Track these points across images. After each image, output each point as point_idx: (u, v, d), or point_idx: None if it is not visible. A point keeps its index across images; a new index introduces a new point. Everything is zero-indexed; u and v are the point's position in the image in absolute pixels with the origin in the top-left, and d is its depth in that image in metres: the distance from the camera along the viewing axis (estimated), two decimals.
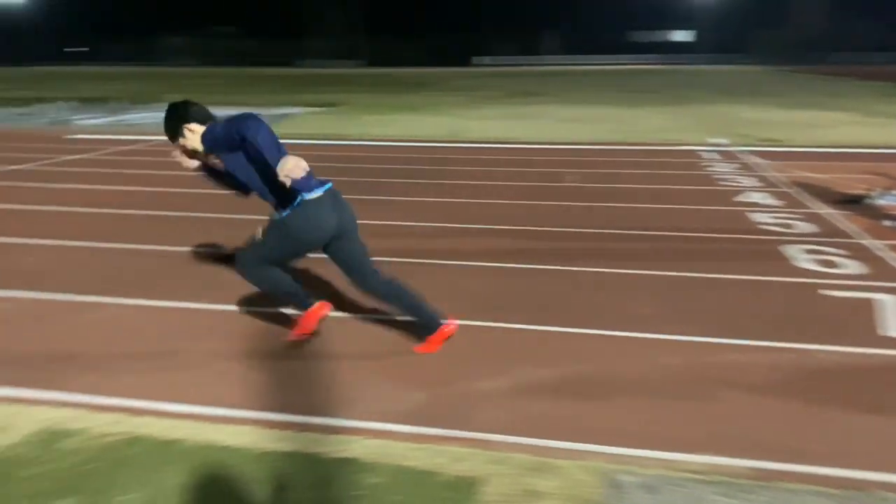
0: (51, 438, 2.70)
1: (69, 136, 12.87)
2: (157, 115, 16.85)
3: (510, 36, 72.48)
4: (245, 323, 3.94)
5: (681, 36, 74.90)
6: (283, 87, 30.05)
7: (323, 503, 2.35)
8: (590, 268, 4.92)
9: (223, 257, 5.11)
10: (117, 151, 10.95)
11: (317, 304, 3.47)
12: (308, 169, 3.01)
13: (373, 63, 66.08)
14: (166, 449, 2.63)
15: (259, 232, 3.35)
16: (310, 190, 3.18)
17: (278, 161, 2.96)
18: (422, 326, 3.53)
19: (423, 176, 8.73)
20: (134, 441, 2.68)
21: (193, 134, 3.27)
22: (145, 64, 65.28)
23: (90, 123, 15.12)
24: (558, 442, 2.68)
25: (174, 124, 3.30)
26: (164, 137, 3.40)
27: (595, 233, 5.93)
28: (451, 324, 3.50)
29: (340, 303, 4.17)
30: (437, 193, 7.65)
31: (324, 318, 3.51)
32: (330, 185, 3.30)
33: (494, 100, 22.46)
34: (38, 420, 2.85)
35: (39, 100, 21.36)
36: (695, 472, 2.49)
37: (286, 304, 3.47)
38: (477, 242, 5.64)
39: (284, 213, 3.20)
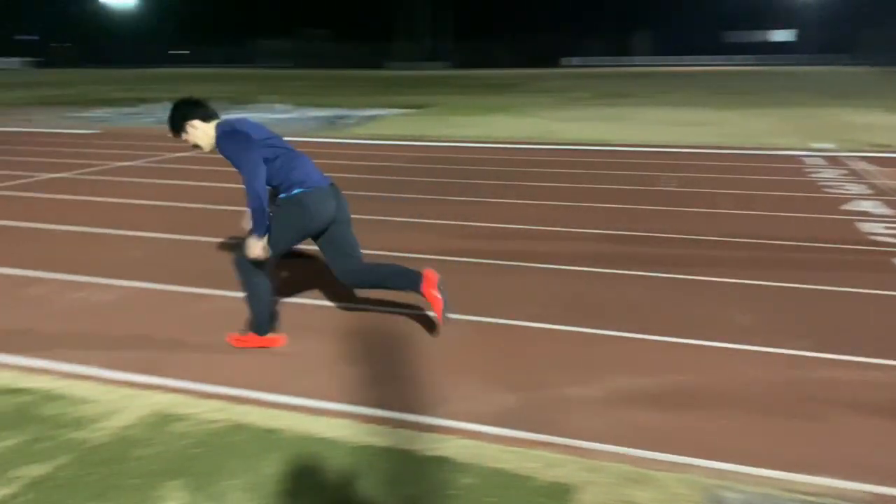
0: (161, 422, 2.85)
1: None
2: (253, 116, 17.51)
3: (600, 36, 71.25)
4: (342, 319, 4.03)
5: (780, 36, 71.59)
6: (373, 89, 30.62)
7: (418, 500, 2.38)
8: (685, 275, 4.77)
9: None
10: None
11: (271, 337, 3.59)
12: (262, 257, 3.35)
13: (461, 65, 66.42)
14: (267, 437, 2.72)
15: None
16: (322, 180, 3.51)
17: (260, 228, 3.28)
18: (411, 289, 3.53)
19: (512, 178, 8.70)
20: (238, 428, 2.79)
21: (195, 130, 3.46)
22: (242, 66, 67.97)
23: None
24: (655, 453, 2.61)
25: (177, 121, 3.47)
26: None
27: (691, 239, 5.75)
28: (430, 271, 3.53)
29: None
30: (525, 195, 7.60)
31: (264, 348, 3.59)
32: (331, 181, 3.56)
33: (584, 101, 22.16)
34: (149, 404, 3.01)
35: (146, 100, 22.57)
36: (804, 493, 2.37)
37: (252, 315, 3.55)
38: (567, 246, 5.57)
39: (295, 192, 3.40)
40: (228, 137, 3.37)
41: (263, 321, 3.56)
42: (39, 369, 3.34)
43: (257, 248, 3.31)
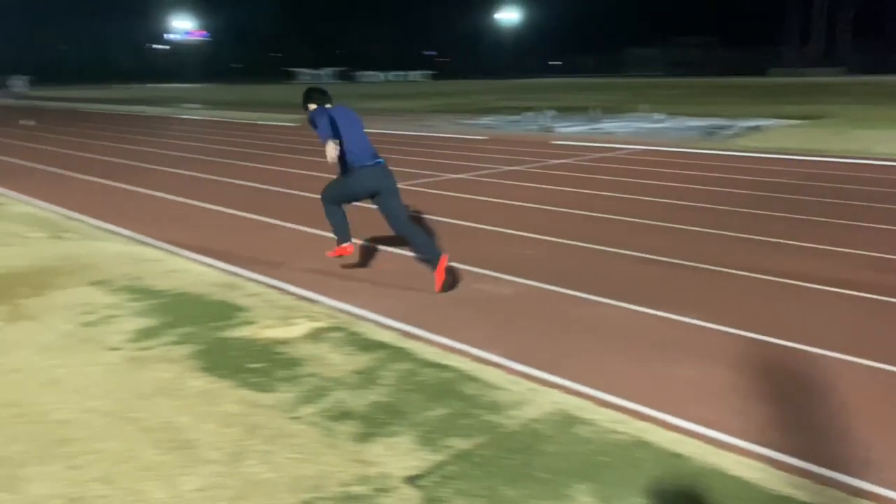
0: (566, 422, 2.93)
1: (553, 142, 14.25)
2: (628, 125, 17.57)
3: None
4: (747, 348, 3.75)
5: None
6: (753, 98, 28.45)
7: None
8: None
9: (724, 277, 4.98)
10: (595, 158, 11.70)
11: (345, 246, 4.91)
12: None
13: (861, 70, 58.09)
14: (673, 462, 2.62)
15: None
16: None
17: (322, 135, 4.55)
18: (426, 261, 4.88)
19: None
20: (641, 445, 2.74)
21: (312, 108, 4.79)
22: (612, 75, 68.87)
23: (570, 131, 16.52)
24: None
25: (305, 100, 4.87)
26: (637, 146, 3.46)
27: None
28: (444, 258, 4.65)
29: (804, 334, 3.69)
30: None
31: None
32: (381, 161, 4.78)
33: None
34: (552, 401, 3.13)
35: (528, 108, 24.18)
36: None
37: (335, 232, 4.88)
38: None
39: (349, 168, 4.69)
40: (314, 113, 4.66)
41: (344, 232, 4.88)
42: (456, 350, 3.73)
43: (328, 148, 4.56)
